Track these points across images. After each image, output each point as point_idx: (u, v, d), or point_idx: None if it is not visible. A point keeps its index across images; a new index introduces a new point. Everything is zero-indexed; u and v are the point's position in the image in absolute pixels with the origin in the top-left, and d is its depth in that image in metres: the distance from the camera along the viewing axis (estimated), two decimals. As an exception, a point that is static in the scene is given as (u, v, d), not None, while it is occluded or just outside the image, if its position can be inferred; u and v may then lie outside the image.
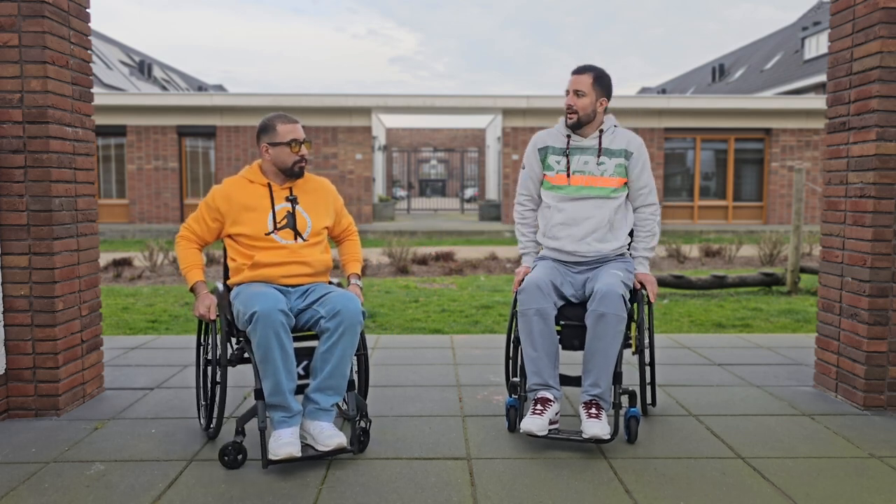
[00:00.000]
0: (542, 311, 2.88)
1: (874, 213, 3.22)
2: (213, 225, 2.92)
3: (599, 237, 3.02)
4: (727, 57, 39.10)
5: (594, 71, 3.01)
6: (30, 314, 3.13)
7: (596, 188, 3.01)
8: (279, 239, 2.86)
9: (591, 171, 3.02)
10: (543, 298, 2.89)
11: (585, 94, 2.98)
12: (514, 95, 17.83)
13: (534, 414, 2.80)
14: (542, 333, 2.88)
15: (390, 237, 15.24)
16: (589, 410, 2.80)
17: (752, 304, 6.75)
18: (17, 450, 2.79)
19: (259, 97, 17.50)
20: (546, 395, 2.87)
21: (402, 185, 35.89)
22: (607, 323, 2.79)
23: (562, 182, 3.06)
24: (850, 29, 3.37)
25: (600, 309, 2.80)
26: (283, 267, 2.84)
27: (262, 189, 2.90)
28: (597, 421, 2.74)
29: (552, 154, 3.10)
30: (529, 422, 2.76)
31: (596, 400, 2.83)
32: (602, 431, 2.71)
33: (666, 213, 18.27)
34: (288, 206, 2.90)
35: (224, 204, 2.88)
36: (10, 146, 3.07)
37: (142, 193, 17.83)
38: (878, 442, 2.89)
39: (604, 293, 2.80)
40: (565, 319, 2.99)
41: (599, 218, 3.01)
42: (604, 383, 2.83)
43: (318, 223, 2.95)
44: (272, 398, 2.62)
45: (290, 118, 2.91)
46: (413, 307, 6.54)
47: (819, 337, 3.65)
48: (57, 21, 3.12)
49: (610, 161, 3.03)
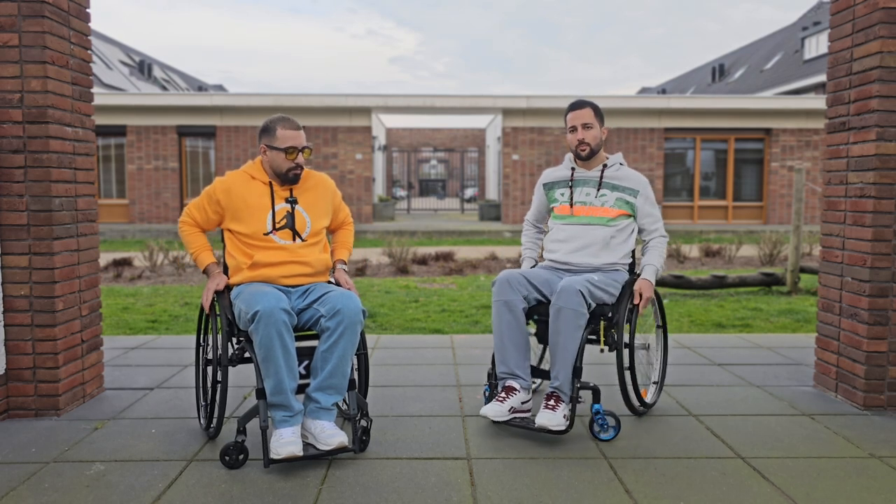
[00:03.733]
0: (509, 303, 3.01)
1: (874, 213, 3.22)
2: (213, 216, 2.93)
3: (592, 253, 3.16)
4: (727, 57, 39.10)
5: (591, 104, 3.21)
6: (30, 314, 3.13)
7: (596, 217, 3.19)
8: (278, 239, 2.86)
9: (592, 202, 3.20)
10: (511, 291, 3.02)
11: (592, 125, 3.18)
12: (514, 95, 17.83)
13: (496, 400, 2.94)
14: (508, 324, 3.01)
15: (390, 237, 15.25)
16: (547, 402, 2.89)
17: (752, 304, 6.75)
18: (17, 450, 2.79)
19: (259, 97, 17.49)
20: (512, 384, 2.99)
21: (402, 185, 35.88)
22: (564, 317, 2.88)
23: (565, 212, 3.26)
24: (850, 29, 3.37)
25: (558, 303, 2.91)
26: (283, 267, 2.84)
27: (263, 187, 2.90)
28: (550, 412, 2.82)
29: (557, 188, 3.31)
30: (488, 407, 2.92)
31: (555, 392, 2.91)
32: (551, 422, 2.78)
33: (666, 213, 18.26)
34: (287, 207, 2.90)
35: (224, 197, 2.88)
36: (10, 146, 3.07)
37: (142, 193, 17.83)
38: (878, 442, 2.89)
39: (562, 288, 2.91)
40: (544, 315, 3.10)
41: (595, 237, 3.17)
42: (562, 376, 2.90)
43: (317, 223, 2.95)
44: (274, 398, 2.62)
45: (292, 123, 2.88)
46: (413, 307, 6.54)
47: (819, 337, 3.65)
48: (57, 21, 3.12)
49: (612, 193, 3.20)
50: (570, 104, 3.24)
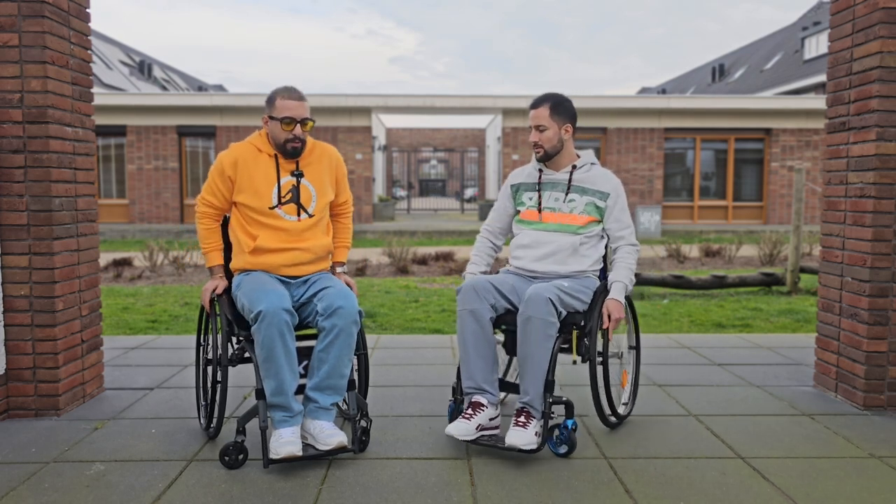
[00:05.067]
0: (475, 312, 2.80)
1: (874, 213, 3.22)
2: (227, 193, 2.88)
3: (559, 260, 2.94)
4: (727, 57, 39.10)
5: (550, 101, 2.95)
6: (30, 314, 3.13)
7: (564, 224, 2.97)
8: (283, 214, 2.83)
9: (560, 208, 2.98)
10: (477, 300, 2.81)
11: (546, 127, 2.93)
12: (514, 95, 17.85)
13: (462, 418, 2.73)
14: (474, 334, 2.80)
15: (390, 237, 15.25)
16: (517, 419, 2.69)
17: (752, 304, 6.75)
18: (17, 450, 2.79)
19: (259, 97, 17.48)
20: (479, 400, 2.79)
21: (402, 185, 35.88)
22: (533, 327, 2.69)
23: (532, 218, 3.03)
24: (850, 29, 3.37)
25: (527, 312, 2.71)
26: (284, 254, 2.82)
27: (268, 159, 2.86)
28: (521, 430, 2.63)
29: (525, 190, 3.07)
30: (454, 426, 2.70)
31: (525, 408, 2.72)
32: (522, 441, 2.60)
33: (666, 213, 18.27)
34: (293, 181, 2.86)
35: (231, 169, 2.84)
36: (10, 146, 3.07)
37: (142, 193, 17.83)
38: (878, 442, 2.89)
39: (531, 296, 2.71)
40: (511, 325, 2.89)
41: (563, 244, 2.94)
42: (532, 390, 2.70)
43: (322, 197, 2.91)
44: (274, 398, 2.62)
45: (294, 94, 2.82)
46: (413, 307, 6.54)
47: (819, 337, 3.65)
48: (57, 21, 3.12)
49: (581, 199, 2.97)
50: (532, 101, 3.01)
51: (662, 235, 16.49)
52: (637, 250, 3.02)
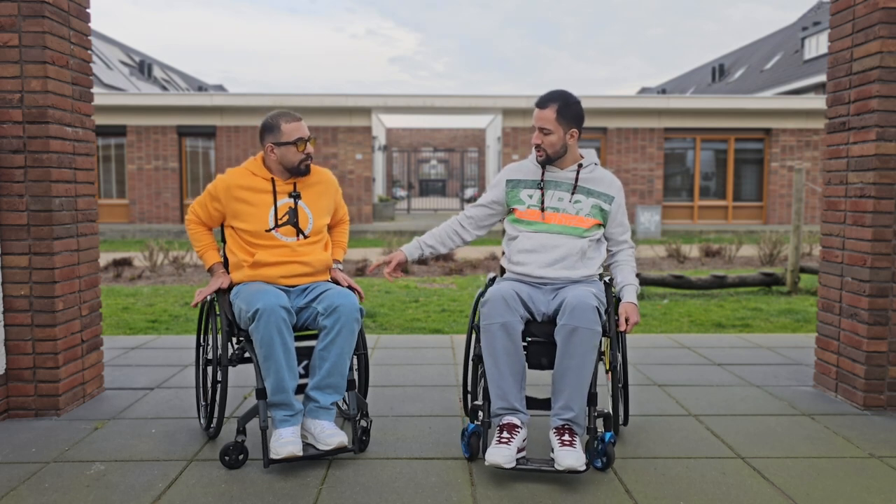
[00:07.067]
0: (507, 326, 2.57)
1: (874, 213, 3.22)
2: (214, 214, 2.93)
3: (569, 265, 2.76)
4: (727, 57, 39.10)
5: (557, 102, 2.75)
6: (30, 314, 3.13)
7: (570, 227, 2.79)
8: (280, 236, 2.86)
9: (566, 208, 2.81)
10: (509, 311, 2.59)
11: (551, 131, 2.75)
12: (514, 95, 17.84)
13: (500, 443, 2.48)
14: (507, 351, 2.57)
15: (390, 237, 15.23)
16: (562, 437, 2.49)
17: (752, 304, 6.75)
18: (17, 450, 2.79)
19: (259, 97, 17.49)
20: (513, 421, 2.56)
21: (402, 185, 35.88)
22: (580, 338, 2.51)
23: (534, 218, 2.82)
24: (850, 29, 3.37)
25: (572, 322, 2.51)
26: (283, 266, 2.84)
27: (264, 183, 2.89)
28: (571, 450, 2.43)
29: (525, 188, 2.87)
30: (496, 452, 2.44)
31: (569, 425, 2.53)
32: (577, 462, 2.40)
33: (666, 213, 18.26)
34: (290, 202, 2.89)
35: (224, 195, 2.87)
36: (10, 146, 3.07)
37: (142, 193, 17.82)
38: (878, 442, 2.89)
39: (574, 305, 2.53)
40: (532, 336, 2.73)
41: (571, 248, 2.77)
42: (577, 406, 2.53)
43: (319, 220, 2.94)
44: (275, 396, 2.62)
45: (293, 116, 2.89)
46: (413, 307, 6.55)
47: (819, 337, 3.65)
48: (57, 21, 3.12)
49: (587, 200, 2.82)
50: (538, 98, 2.80)
51: (662, 235, 16.49)
52: (634, 251, 2.98)
